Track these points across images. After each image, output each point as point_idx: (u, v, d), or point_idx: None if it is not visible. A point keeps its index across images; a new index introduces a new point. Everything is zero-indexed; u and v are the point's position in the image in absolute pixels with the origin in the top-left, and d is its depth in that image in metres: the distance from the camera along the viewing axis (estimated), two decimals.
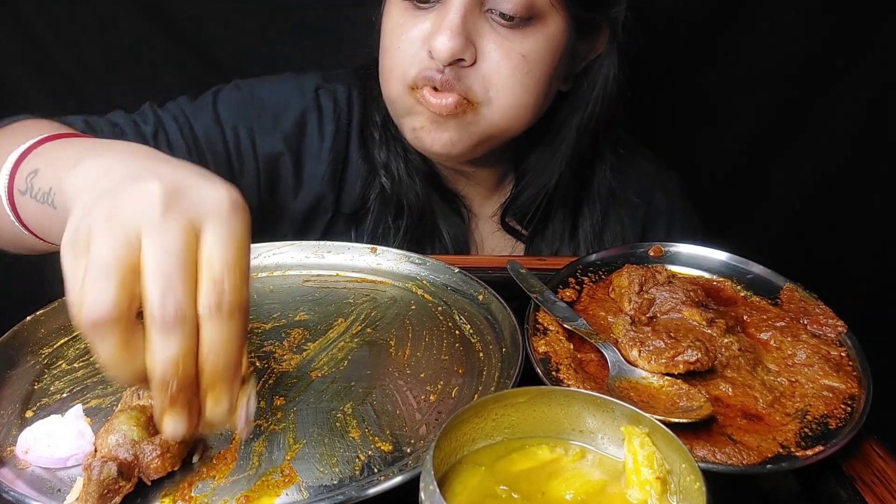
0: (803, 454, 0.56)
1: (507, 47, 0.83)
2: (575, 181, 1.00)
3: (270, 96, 0.97)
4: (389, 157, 0.98)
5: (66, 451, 0.55)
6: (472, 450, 0.48)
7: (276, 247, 0.85)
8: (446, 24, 0.81)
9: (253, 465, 0.55)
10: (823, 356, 0.67)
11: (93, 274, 0.43)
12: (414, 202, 0.98)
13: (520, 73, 0.85)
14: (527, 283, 0.76)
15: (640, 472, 0.45)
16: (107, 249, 0.43)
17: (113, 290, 0.43)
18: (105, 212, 0.45)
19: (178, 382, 0.45)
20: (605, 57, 0.93)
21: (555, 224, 1.03)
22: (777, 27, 1.28)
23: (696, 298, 0.74)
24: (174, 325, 0.43)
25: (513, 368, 0.64)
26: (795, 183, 1.40)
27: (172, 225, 0.44)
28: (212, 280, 0.44)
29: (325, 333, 0.72)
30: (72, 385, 0.65)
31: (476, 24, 0.83)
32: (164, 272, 0.43)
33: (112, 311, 0.42)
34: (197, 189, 0.47)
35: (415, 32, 0.85)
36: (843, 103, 1.33)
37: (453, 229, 1.01)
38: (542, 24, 0.84)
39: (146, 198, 0.45)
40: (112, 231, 0.44)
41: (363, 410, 0.62)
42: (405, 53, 0.86)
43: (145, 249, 0.44)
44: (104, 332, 0.43)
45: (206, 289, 0.44)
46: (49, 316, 0.72)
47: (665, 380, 0.64)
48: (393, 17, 0.88)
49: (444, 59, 0.82)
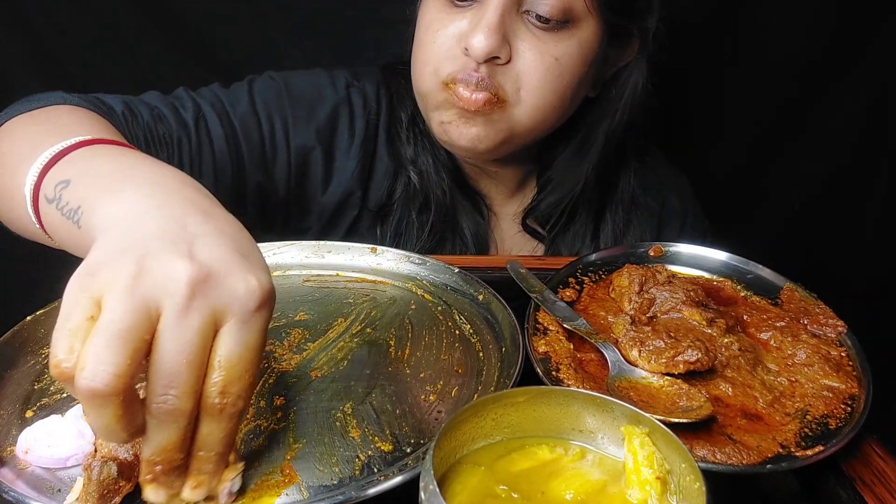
0: (803, 454, 0.57)
1: (541, 49, 0.85)
2: (599, 187, 1.02)
3: (305, 89, 0.98)
4: (417, 152, 0.99)
5: (66, 452, 0.55)
6: (472, 449, 0.48)
7: (276, 247, 0.85)
8: (484, 23, 0.82)
9: (253, 465, 0.55)
10: (823, 356, 0.67)
11: (103, 338, 0.41)
12: (441, 198, 0.99)
13: (551, 76, 0.86)
14: (527, 283, 0.76)
15: (640, 471, 0.45)
16: (123, 315, 0.41)
17: (120, 363, 0.40)
18: (131, 273, 0.43)
19: (163, 467, 0.45)
20: (634, 66, 0.94)
21: (576, 227, 1.03)
22: (777, 27, 1.28)
23: (696, 298, 0.74)
24: (169, 421, 0.43)
25: (512, 368, 0.64)
26: (795, 183, 1.40)
27: (194, 317, 0.43)
28: (221, 383, 0.44)
29: (324, 333, 0.72)
30: None
31: (513, 24, 0.84)
32: (172, 366, 0.42)
33: (116, 384, 0.40)
34: (228, 279, 0.45)
35: (451, 29, 0.86)
36: (844, 103, 1.33)
37: (475, 227, 1.02)
38: (577, 28, 0.85)
39: (176, 276, 0.43)
40: (133, 298, 0.42)
41: (363, 410, 0.62)
42: (440, 48, 0.87)
43: (161, 334, 0.43)
44: (101, 403, 0.41)
45: (212, 389, 0.44)
46: (49, 316, 0.72)
47: (665, 380, 0.64)
48: (430, 12, 0.89)
49: (480, 57, 0.83)
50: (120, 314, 0.41)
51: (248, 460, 0.56)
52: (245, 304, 0.45)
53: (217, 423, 0.45)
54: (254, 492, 0.53)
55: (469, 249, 1.01)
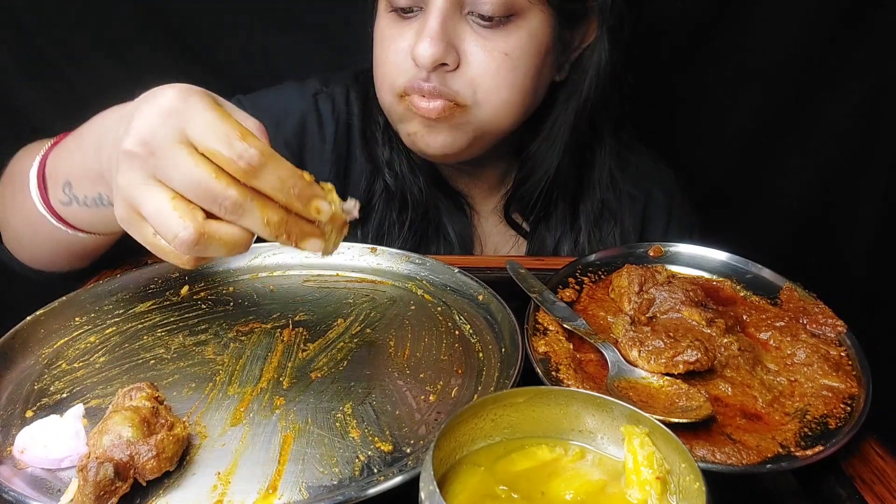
0: (803, 454, 0.57)
1: (489, 48, 0.84)
2: (575, 167, 1.01)
3: (270, 105, 0.99)
4: (392, 155, 0.99)
5: (61, 452, 0.55)
6: (472, 450, 0.48)
7: (276, 247, 0.85)
8: (426, 32, 0.82)
9: (252, 465, 0.55)
10: (823, 356, 0.67)
11: (163, 218, 0.53)
12: (418, 197, 0.99)
13: (504, 71, 0.85)
14: (526, 283, 0.76)
15: (639, 472, 0.45)
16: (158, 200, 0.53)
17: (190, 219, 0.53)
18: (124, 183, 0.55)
19: (285, 232, 0.55)
20: (596, 43, 0.93)
21: (557, 212, 1.03)
22: (773, 27, 1.28)
23: (696, 298, 0.74)
24: (240, 211, 0.53)
25: (512, 368, 0.64)
26: (794, 182, 1.40)
27: (168, 160, 0.52)
28: (228, 159, 0.52)
29: (324, 334, 0.72)
30: (72, 385, 0.65)
31: (457, 28, 0.83)
32: (198, 190, 0.52)
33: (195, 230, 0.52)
34: (152, 118, 0.54)
35: (401, 43, 0.86)
36: (843, 102, 1.33)
37: (458, 226, 1.02)
38: (523, 19, 0.85)
39: (133, 164, 0.54)
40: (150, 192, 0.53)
41: (363, 410, 0.62)
42: (393, 64, 0.87)
43: (176, 187, 0.53)
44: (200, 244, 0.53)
45: (231, 167, 0.52)
46: (49, 316, 0.72)
47: (664, 380, 0.64)
48: (381, 28, 0.90)
49: (426, 66, 0.83)
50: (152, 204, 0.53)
51: (247, 460, 0.56)
52: (176, 111, 0.53)
53: (261, 175, 0.53)
54: (254, 492, 0.53)
55: (454, 249, 1.02)
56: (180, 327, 0.73)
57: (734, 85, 1.33)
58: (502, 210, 1.04)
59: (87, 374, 0.66)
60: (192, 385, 0.65)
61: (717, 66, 1.32)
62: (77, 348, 0.70)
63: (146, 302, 0.77)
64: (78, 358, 0.68)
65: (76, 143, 0.73)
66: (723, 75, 1.32)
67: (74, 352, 0.69)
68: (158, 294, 0.79)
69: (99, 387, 0.64)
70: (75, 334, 0.71)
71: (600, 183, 1.03)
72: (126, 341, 0.71)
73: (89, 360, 0.68)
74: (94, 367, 0.67)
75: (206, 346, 0.70)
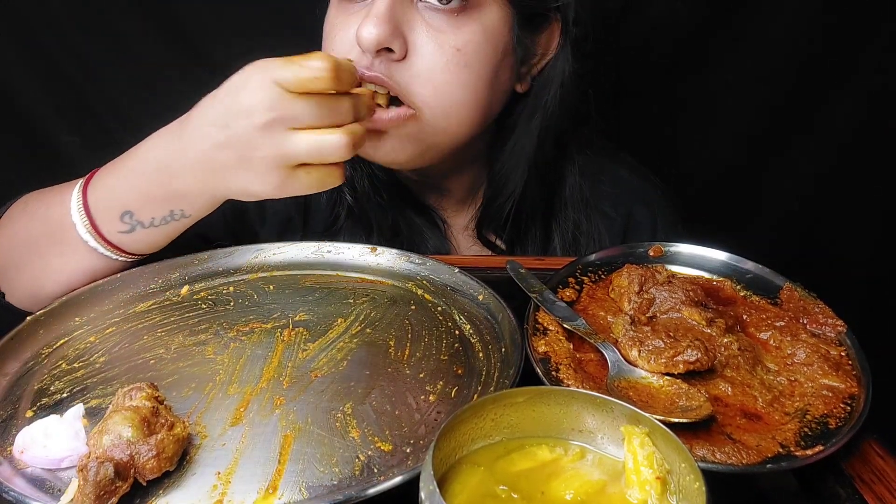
0: (803, 454, 0.56)
1: (440, 40, 0.79)
2: (543, 185, 0.97)
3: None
4: (353, 174, 0.95)
5: (61, 452, 0.55)
6: (472, 450, 0.48)
7: (277, 247, 0.85)
8: (373, 13, 0.77)
9: (252, 466, 0.55)
10: (823, 355, 0.67)
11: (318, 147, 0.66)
12: (382, 219, 0.96)
13: (455, 67, 0.80)
14: (526, 283, 0.76)
15: (639, 471, 0.45)
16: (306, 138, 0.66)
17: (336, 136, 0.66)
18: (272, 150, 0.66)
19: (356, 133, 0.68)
20: (558, 55, 0.89)
21: (530, 233, 0.99)
22: (774, 28, 1.28)
23: (696, 298, 0.74)
24: (353, 107, 0.68)
25: (512, 368, 0.64)
26: (794, 183, 1.40)
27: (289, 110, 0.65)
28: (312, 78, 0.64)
29: (324, 333, 0.72)
30: (72, 385, 0.65)
31: (406, 14, 0.79)
32: (322, 112, 0.66)
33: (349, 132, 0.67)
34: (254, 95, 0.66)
35: (347, 32, 0.81)
36: (844, 103, 1.33)
37: (432, 241, 0.98)
38: (478, 12, 0.80)
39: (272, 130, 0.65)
40: (296, 139, 0.66)
41: (363, 410, 0.62)
42: (337, 54, 0.79)
43: (308, 123, 0.65)
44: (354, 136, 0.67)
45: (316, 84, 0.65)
46: (49, 316, 0.72)
47: (664, 379, 0.64)
48: (329, 19, 0.85)
49: (369, 48, 0.77)
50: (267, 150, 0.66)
51: (247, 460, 0.56)
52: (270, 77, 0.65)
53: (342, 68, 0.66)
54: (253, 492, 0.53)
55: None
56: (180, 327, 0.73)
57: (735, 87, 1.33)
58: (474, 230, 1.00)
59: (87, 374, 0.66)
60: (192, 385, 0.65)
61: (718, 68, 1.32)
62: (77, 348, 0.70)
63: (146, 302, 0.77)
64: (78, 358, 0.68)
65: (126, 173, 0.75)
66: (724, 78, 1.32)
67: (74, 352, 0.69)
68: (158, 294, 0.79)
69: (99, 387, 0.64)
70: (75, 334, 0.72)
71: (572, 203, 0.99)
72: (126, 341, 0.71)
73: (89, 360, 0.68)
74: (94, 367, 0.67)
75: (206, 346, 0.70)
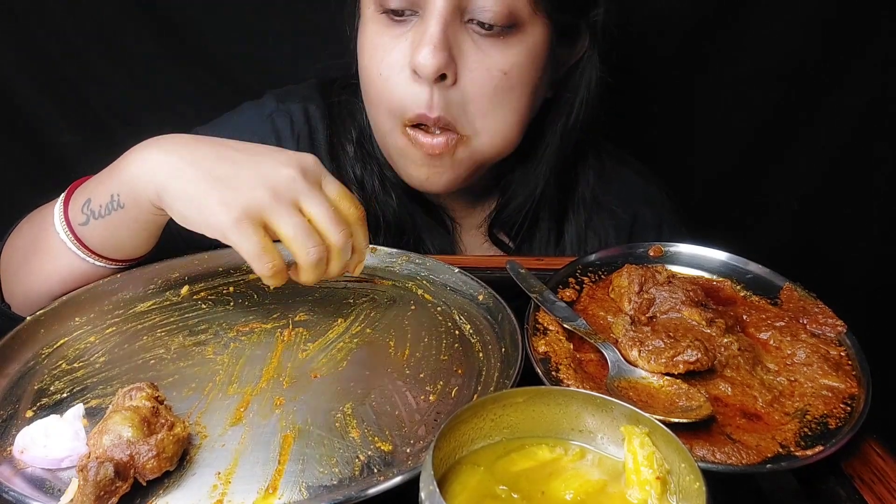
0: (803, 454, 0.57)
1: (487, 64, 0.81)
2: (559, 188, 0.99)
3: (229, 131, 0.92)
4: (364, 174, 0.96)
5: (61, 452, 0.55)
6: (472, 450, 0.48)
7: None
8: (427, 38, 0.77)
9: (252, 466, 0.55)
10: (823, 356, 0.67)
11: (303, 236, 0.65)
12: (391, 217, 0.96)
13: (502, 92, 0.82)
14: (526, 283, 0.76)
15: (639, 471, 0.45)
16: (294, 219, 0.65)
17: (319, 243, 0.66)
18: (266, 193, 0.65)
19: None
20: (586, 61, 0.91)
21: (541, 232, 1.00)
22: (773, 29, 1.28)
23: (696, 298, 0.74)
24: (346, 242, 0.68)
25: (512, 368, 0.64)
26: (795, 183, 1.40)
27: (317, 191, 0.67)
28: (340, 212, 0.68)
29: (324, 334, 0.73)
30: (72, 385, 0.65)
31: (456, 36, 0.80)
32: (328, 223, 0.67)
33: (323, 252, 0.67)
34: (305, 162, 0.68)
35: (396, 55, 0.81)
36: (843, 103, 1.33)
37: (438, 241, 0.99)
38: (523, 33, 0.82)
39: (291, 176, 0.66)
40: (286, 207, 0.65)
41: (363, 411, 0.62)
42: (392, 83, 0.82)
43: (309, 210, 0.66)
44: (322, 264, 0.67)
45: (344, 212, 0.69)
46: (49, 316, 0.72)
47: (664, 379, 0.64)
48: (369, 36, 0.84)
49: (428, 76, 0.78)
50: (291, 220, 0.65)
51: (247, 460, 0.56)
52: (318, 167, 0.70)
53: (358, 229, 0.70)
54: (253, 492, 0.53)
55: None
56: (180, 327, 0.73)
57: (736, 87, 1.33)
58: (486, 230, 1.02)
59: (87, 374, 0.66)
60: (192, 385, 0.65)
61: (719, 68, 1.32)
62: (77, 348, 0.70)
63: (146, 302, 0.77)
64: (78, 358, 0.68)
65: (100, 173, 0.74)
66: (724, 78, 1.32)
67: (74, 352, 0.69)
68: (158, 294, 0.79)
69: (99, 387, 0.64)
70: (75, 334, 0.72)
71: (584, 203, 1.01)
72: (126, 341, 0.71)
73: (89, 360, 0.68)
74: (94, 367, 0.67)
75: (206, 346, 0.70)
